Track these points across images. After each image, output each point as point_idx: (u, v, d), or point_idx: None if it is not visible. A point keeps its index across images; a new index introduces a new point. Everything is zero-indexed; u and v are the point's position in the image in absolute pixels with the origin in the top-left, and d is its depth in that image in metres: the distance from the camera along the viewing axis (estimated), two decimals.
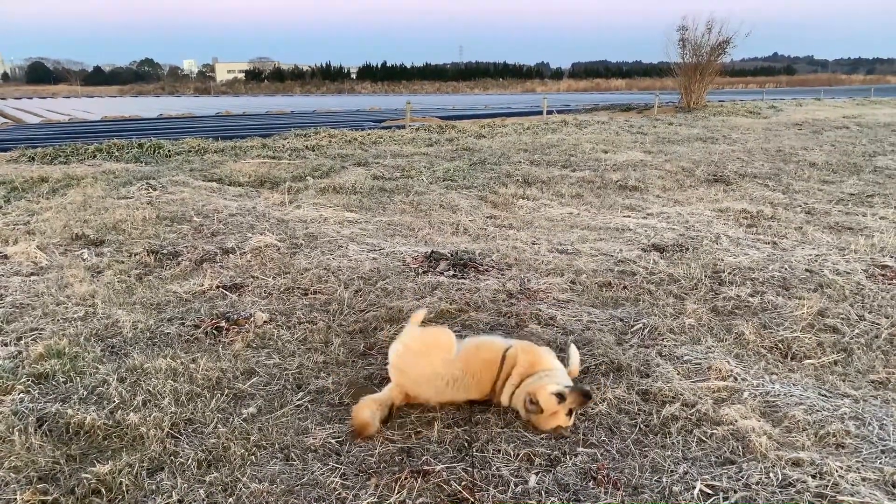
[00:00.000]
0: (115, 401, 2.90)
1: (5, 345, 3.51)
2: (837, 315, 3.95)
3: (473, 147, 12.61)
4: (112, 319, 3.87)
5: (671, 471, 2.46)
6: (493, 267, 4.96)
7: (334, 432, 2.71)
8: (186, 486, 2.36)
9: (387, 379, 3.12)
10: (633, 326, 3.82)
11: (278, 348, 3.54)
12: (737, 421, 2.75)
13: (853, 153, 11.82)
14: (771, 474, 2.41)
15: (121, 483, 2.35)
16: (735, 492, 2.32)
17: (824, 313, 3.98)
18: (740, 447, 2.60)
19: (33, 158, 10.70)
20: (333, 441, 2.65)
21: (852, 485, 2.34)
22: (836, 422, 2.76)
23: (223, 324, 3.78)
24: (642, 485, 2.38)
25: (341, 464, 2.51)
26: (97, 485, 2.34)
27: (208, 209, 6.77)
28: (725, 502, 2.27)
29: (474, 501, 2.30)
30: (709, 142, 13.81)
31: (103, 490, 2.32)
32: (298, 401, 2.98)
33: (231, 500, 2.29)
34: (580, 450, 2.61)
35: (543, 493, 2.34)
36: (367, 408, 2.74)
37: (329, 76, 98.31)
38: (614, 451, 2.60)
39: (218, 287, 4.45)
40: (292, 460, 2.54)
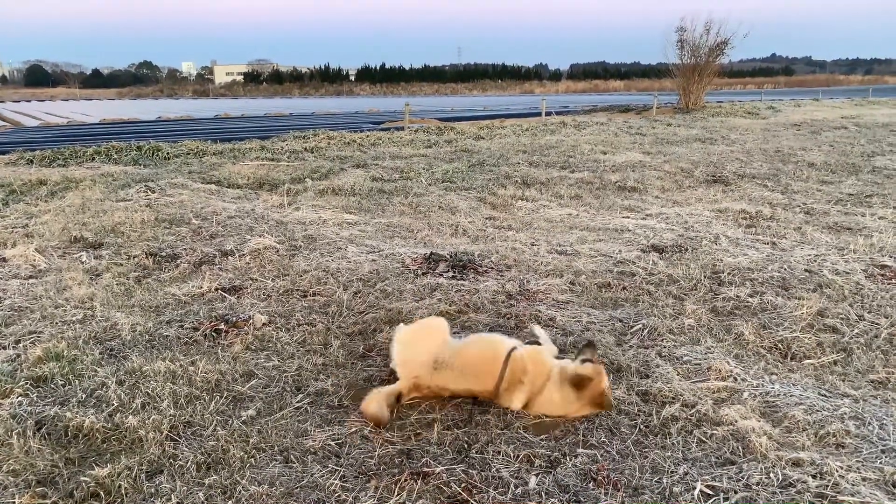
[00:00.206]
0: (113, 403, 2.90)
1: (4, 348, 3.50)
2: (837, 315, 3.95)
3: (472, 148, 12.61)
4: (111, 322, 3.86)
5: (671, 471, 2.46)
6: (492, 268, 4.96)
7: (334, 434, 2.71)
8: (185, 488, 2.36)
9: (386, 381, 3.12)
10: (632, 327, 3.82)
11: (277, 350, 3.53)
12: (737, 421, 2.75)
13: (852, 153, 11.83)
14: (771, 474, 2.41)
15: (120, 486, 2.35)
16: (735, 492, 2.32)
17: (824, 313, 3.98)
18: (740, 447, 2.60)
19: (32, 161, 10.70)
20: (333, 443, 2.65)
21: (853, 485, 2.34)
22: (836, 422, 2.76)
23: (222, 326, 3.77)
24: (642, 486, 2.38)
25: (341, 466, 2.51)
26: (96, 488, 2.34)
27: (207, 211, 6.77)
28: (726, 503, 2.27)
29: (474, 503, 2.29)
30: (707, 142, 13.82)
31: (102, 493, 2.32)
32: (298, 403, 2.98)
33: (230, 502, 2.29)
34: (580, 451, 2.60)
35: (543, 494, 2.34)
36: (374, 401, 2.80)
37: (328, 78, 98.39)
38: (614, 452, 2.60)
39: (217, 289, 4.45)
40: (292, 462, 2.53)
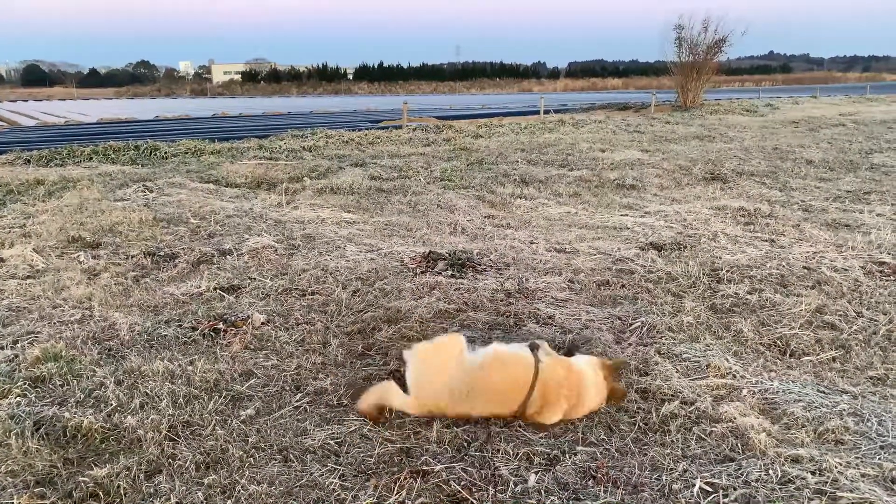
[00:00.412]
0: (112, 404, 2.89)
1: (2, 348, 3.50)
2: (835, 312, 3.96)
3: (471, 147, 12.60)
4: (109, 322, 3.86)
5: (671, 469, 2.46)
6: (491, 266, 4.95)
7: (333, 433, 2.71)
8: (185, 488, 2.36)
9: (385, 379, 3.12)
10: (631, 325, 3.82)
11: (276, 349, 3.53)
12: (736, 418, 2.75)
13: (850, 150, 11.84)
14: (770, 471, 2.41)
15: (118, 486, 2.34)
16: (735, 489, 2.32)
17: (822, 310, 3.99)
18: (739, 444, 2.60)
19: (29, 161, 10.67)
20: (332, 442, 2.65)
21: (851, 481, 2.34)
22: (834, 418, 2.76)
23: (221, 325, 3.77)
24: (642, 483, 2.38)
25: (340, 465, 2.51)
26: (95, 488, 2.33)
27: (205, 211, 6.76)
28: (725, 500, 2.27)
29: (474, 501, 2.29)
30: (706, 140, 13.83)
31: (101, 493, 2.32)
32: (297, 402, 2.98)
33: (230, 502, 2.29)
34: (579, 448, 2.60)
35: (543, 492, 2.34)
36: (374, 395, 2.84)
37: (326, 77, 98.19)
38: (614, 450, 2.60)
39: (215, 289, 4.44)
40: (291, 462, 2.53)
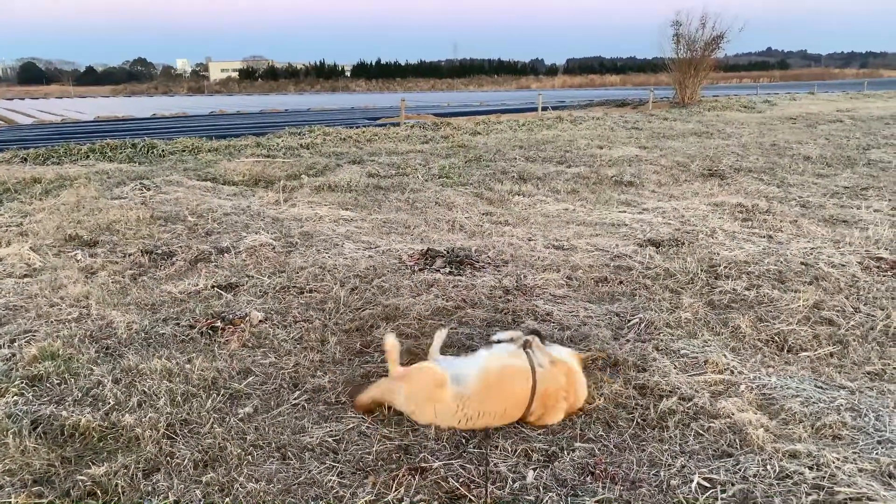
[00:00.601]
0: (110, 402, 2.89)
1: None
2: (833, 307, 3.96)
3: (469, 144, 12.59)
4: (106, 320, 3.85)
5: (669, 464, 2.46)
6: (489, 263, 4.95)
7: (331, 431, 2.71)
8: (183, 486, 2.35)
9: (383, 377, 3.12)
10: (629, 321, 3.83)
11: (274, 347, 3.52)
12: (734, 414, 2.76)
13: (847, 146, 11.85)
14: (768, 466, 2.41)
15: (116, 485, 2.34)
16: (733, 484, 2.33)
17: (820, 306, 3.99)
18: (737, 440, 2.60)
19: (26, 159, 10.64)
20: (330, 439, 2.65)
21: (849, 476, 2.34)
22: (832, 413, 2.77)
23: (218, 323, 3.76)
24: (640, 479, 2.39)
25: (338, 462, 2.50)
26: (93, 487, 2.33)
27: (202, 209, 6.75)
28: (723, 495, 2.27)
29: (472, 498, 2.30)
30: (703, 136, 13.83)
31: (99, 492, 2.31)
32: (295, 400, 2.97)
33: (228, 500, 2.28)
34: (578, 445, 2.61)
35: (541, 488, 2.34)
36: (378, 391, 2.86)
37: (323, 74, 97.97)
38: (612, 446, 2.60)
39: (213, 287, 4.44)
40: (289, 459, 2.53)
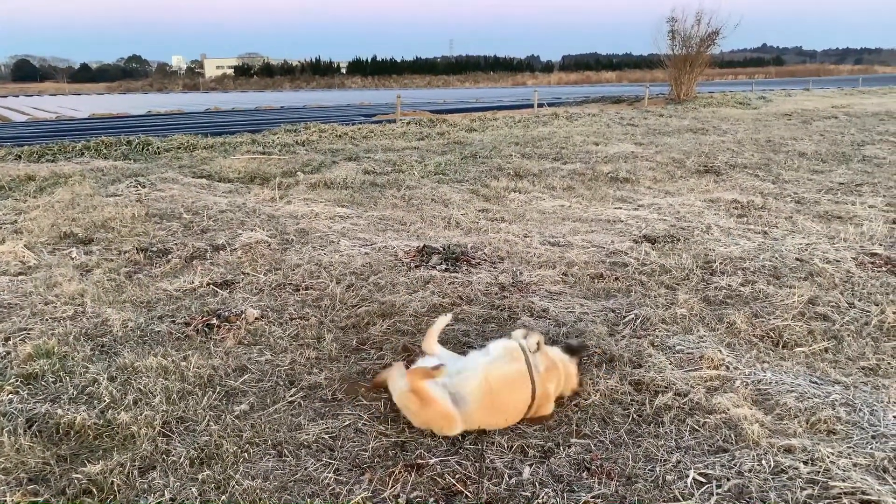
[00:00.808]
0: (105, 400, 2.88)
1: None
2: (828, 303, 3.98)
3: (464, 141, 12.58)
4: (102, 318, 3.84)
5: (664, 460, 2.47)
6: (485, 260, 4.95)
7: (327, 428, 2.70)
8: (179, 484, 2.35)
9: (377, 372, 3.12)
10: (625, 317, 3.83)
11: (270, 345, 3.52)
12: (729, 409, 2.77)
13: (842, 142, 11.88)
14: (763, 461, 2.42)
15: (112, 483, 2.33)
16: (728, 479, 2.33)
17: (815, 301, 4.01)
18: (733, 435, 2.61)
19: (20, 157, 10.59)
20: (327, 436, 2.65)
21: (844, 470, 2.35)
22: (827, 408, 2.78)
23: (214, 321, 3.75)
24: (636, 474, 2.39)
25: (335, 459, 2.50)
26: (88, 485, 2.33)
27: (198, 206, 6.73)
28: (718, 490, 2.28)
29: (468, 494, 2.30)
30: (699, 133, 13.84)
31: (94, 490, 2.31)
32: (291, 397, 2.97)
33: (224, 497, 2.28)
34: (574, 441, 2.61)
35: (537, 484, 2.34)
36: (382, 378, 2.93)
37: (319, 71, 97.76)
38: (608, 442, 2.60)
39: (208, 284, 4.42)
40: (285, 456, 2.53)
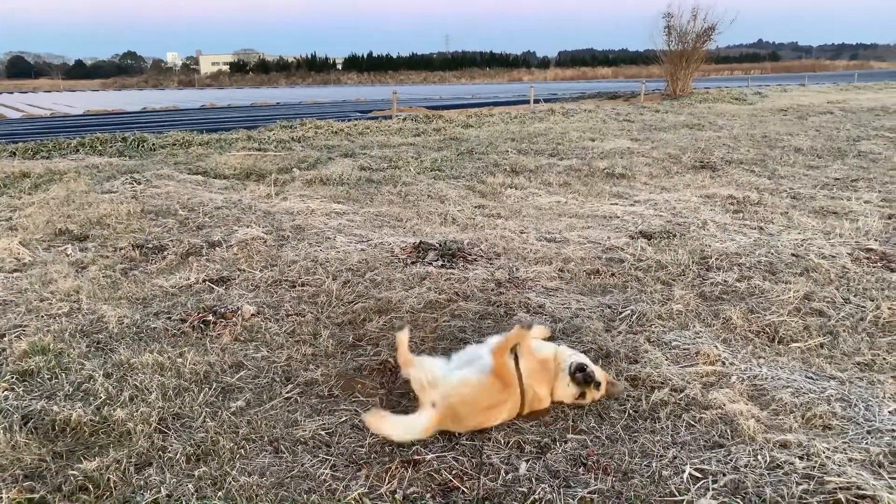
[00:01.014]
0: (101, 397, 2.87)
1: None
2: (823, 298, 3.99)
3: (461, 137, 12.56)
4: (97, 315, 3.82)
5: (660, 455, 2.48)
6: (481, 256, 4.95)
7: (324, 424, 2.70)
8: (175, 480, 2.35)
9: (375, 370, 3.13)
10: (621, 313, 3.84)
11: (266, 341, 3.51)
12: (725, 405, 2.77)
13: (838, 138, 11.90)
14: (759, 457, 2.43)
15: (108, 479, 2.33)
16: (724, 475, 2.34)
17: (810, 297, 4.02)
18: (728, 431, 2.62)
19: (14, 153, 10.53)
20: (323, 433, 2.64)
21: (839, 465, 2.36)
22: (822, 404, 2.79)
23: (210, 317, 3.75)
24: (632, 470, 2.40)
25: (331, 455, 2.50)
26: (84, 481, 2.32)
27: (194, 202, 6.70)
28: (714, 486, 2.29)
29: (465, 490, 2.30)
30: (695, 128, 13.86)
31: (91, 487, 2.30)
32: (287, 393, 2.97)
33: (220, 493, 2.28)
34: (570, 436, 2.62)
35: (534, 479, 2.35)
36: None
37: (314, 67, 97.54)
38: (604, 437, 2.61)
39: (204, 280, 4.41)
40: (282, 453, 2.52)
